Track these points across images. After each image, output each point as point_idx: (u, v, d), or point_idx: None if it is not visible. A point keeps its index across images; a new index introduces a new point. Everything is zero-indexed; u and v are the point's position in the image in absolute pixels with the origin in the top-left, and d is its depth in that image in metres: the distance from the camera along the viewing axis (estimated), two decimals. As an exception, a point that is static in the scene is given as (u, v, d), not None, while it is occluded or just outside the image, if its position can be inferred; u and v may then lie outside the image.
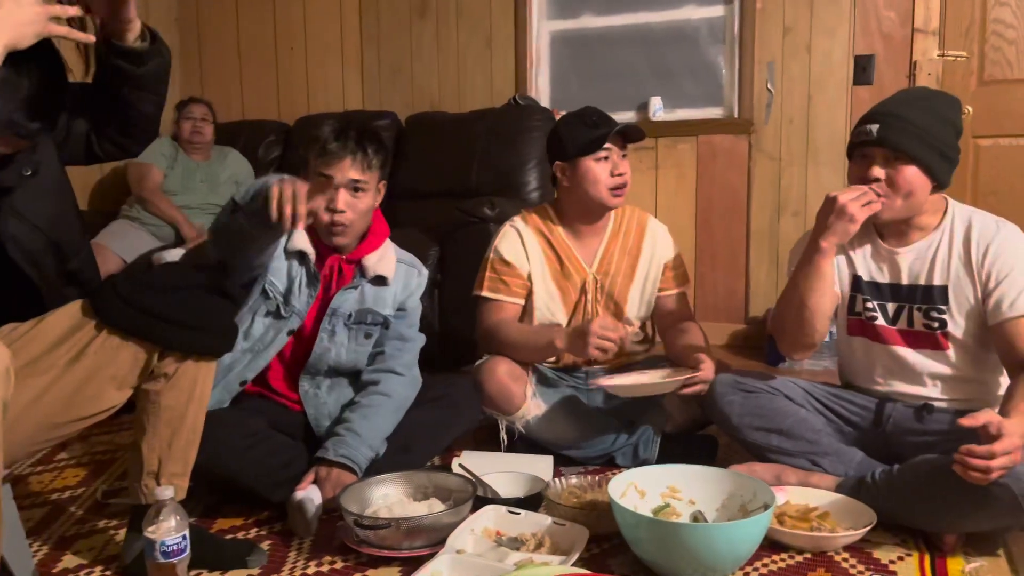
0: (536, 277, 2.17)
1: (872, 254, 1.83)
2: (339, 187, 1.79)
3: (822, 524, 1.61)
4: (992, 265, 1.69)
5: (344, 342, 1.92)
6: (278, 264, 1.84)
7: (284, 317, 1.86)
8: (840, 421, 1.89)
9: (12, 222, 1.39)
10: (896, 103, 1.74)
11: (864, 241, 1.84)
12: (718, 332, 3.48)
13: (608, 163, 2.11)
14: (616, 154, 2.12)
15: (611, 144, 2.11)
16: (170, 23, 4.16)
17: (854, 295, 1.85)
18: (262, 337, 1.86)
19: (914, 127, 1.67)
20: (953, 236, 1.75)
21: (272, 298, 1.84)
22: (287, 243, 1.84)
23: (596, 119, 2.13)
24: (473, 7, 3.77)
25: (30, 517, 1.80)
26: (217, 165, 3.57)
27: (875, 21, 3.23)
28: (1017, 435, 1.41)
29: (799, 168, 3.40)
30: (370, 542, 1.59)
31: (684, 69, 3.55)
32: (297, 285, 1.86)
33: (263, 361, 1.87)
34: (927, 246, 1.77)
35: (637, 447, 2.08)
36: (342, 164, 1.80)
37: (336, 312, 1.89)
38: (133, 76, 1.42)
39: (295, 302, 1.86)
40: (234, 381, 1.85)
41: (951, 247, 1.74)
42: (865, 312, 1.84)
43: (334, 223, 1.81)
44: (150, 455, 1.48)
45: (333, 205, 1.79)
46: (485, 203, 2.92)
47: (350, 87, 4.01)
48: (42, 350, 1.35)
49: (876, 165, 1.70)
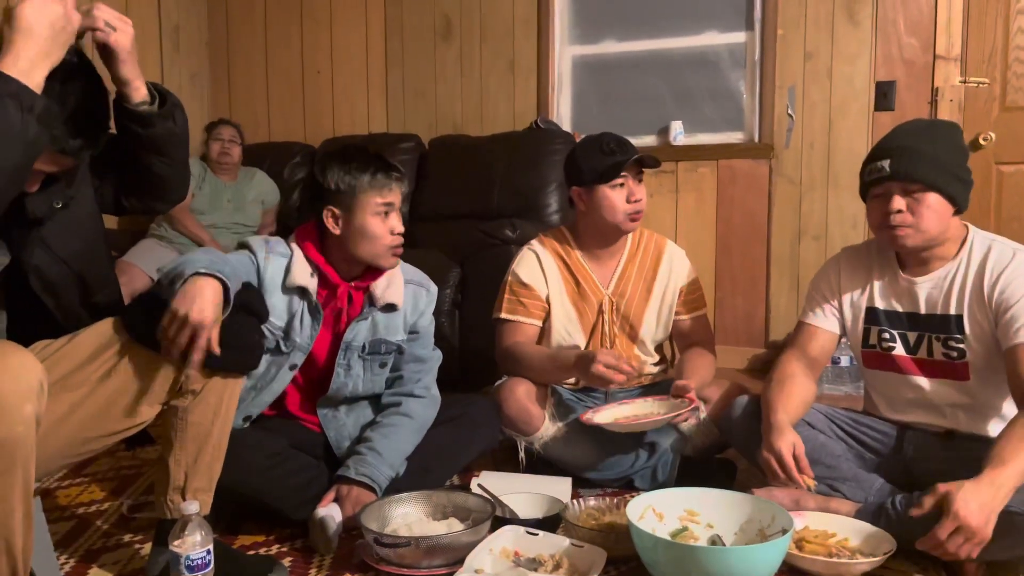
0: (554, 299, 2.20)
1: (891, 284, 1.83)
2: (396, 211, 1.85)
3: (841, 550, 1.60)
4: (1003, 292, 1.68)
5: (360, 374, 1.93)
6: (274, 300, 1.81)
7: (285, 352, 1.85)
8: (861, 447, 1.88)
9: (38, 252, 1.40)
10: (901, 137, 1.74)
11: (885, 271, 1.84)
12: (738, 356, 3.48)
13: (624, 190, 2.13)
14: (632, 180, 2.14)
15: (627, 171, 2.12)
16: (201, 46, 4.26)
17: (868, 328, 1.86)
18: (264, 374, 1.85)
19: (926, 156, 1.68)
20: (970, 265, 1.74)
21: (269, 336, 1.81)
22: (286, 280, 1.82)
23: (613, 146, 2.14)
24: (496, 32, 3.83)
25: (57, 530, 1.83)
26: (244, 185, 3.64)
27: (896, 47, 3.25)
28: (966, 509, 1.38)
29: (820, 193, 3.40)
30: (389, 560, 1.60)
31: (705, 94, 3.58)
32: (298, 319, 1.84)
33: (269, 397, 1.87)
34: (944, 275, 1.76)
35: (655, 470, 2.08)
36: (396, 189, 1.85)
37: (350, 346, 1.90)
38: (140, 138, 1.42)
39: (296, 336, 1.84)
40: (238, 418, 1.79)
41: (966, 276, 1.74)
42: (882, 343, 1.84)
43: (397, 245, 1.85)
44: (177, 470, 1.51)
45: (396, 231, 1.84)
46: (507, 225, 2.95)
47: (375, 110, 4.08)
48: (74, 366, 1.38)
49: (894, 199, 1.70)
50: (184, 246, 3.36)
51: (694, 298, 2.27)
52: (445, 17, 3.91)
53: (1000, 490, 1.42)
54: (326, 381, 1.92)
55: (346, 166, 1.82)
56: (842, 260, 1.93)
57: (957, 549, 1.41)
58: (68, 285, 1.46)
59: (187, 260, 1.45)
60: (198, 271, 1.40)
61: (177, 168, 1.51)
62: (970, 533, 1.40)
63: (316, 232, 1.88)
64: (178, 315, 1.36)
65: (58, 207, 1.39)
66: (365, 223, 1.81)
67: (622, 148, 2.14)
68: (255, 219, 3.64)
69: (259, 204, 3.66)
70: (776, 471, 1.66)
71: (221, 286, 1.42)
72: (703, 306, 2.30)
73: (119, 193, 1.54)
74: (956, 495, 1.41)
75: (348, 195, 1.82)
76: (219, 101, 4.32)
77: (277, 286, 1.82)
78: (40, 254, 1.40)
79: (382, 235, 1.82)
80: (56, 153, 1.26)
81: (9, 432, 1.14)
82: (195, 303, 1.36)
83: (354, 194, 1.81)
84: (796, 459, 1.66)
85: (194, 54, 4.22)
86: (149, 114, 1.40)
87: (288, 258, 1.85)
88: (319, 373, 1.92)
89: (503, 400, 2.07)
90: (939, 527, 1.41)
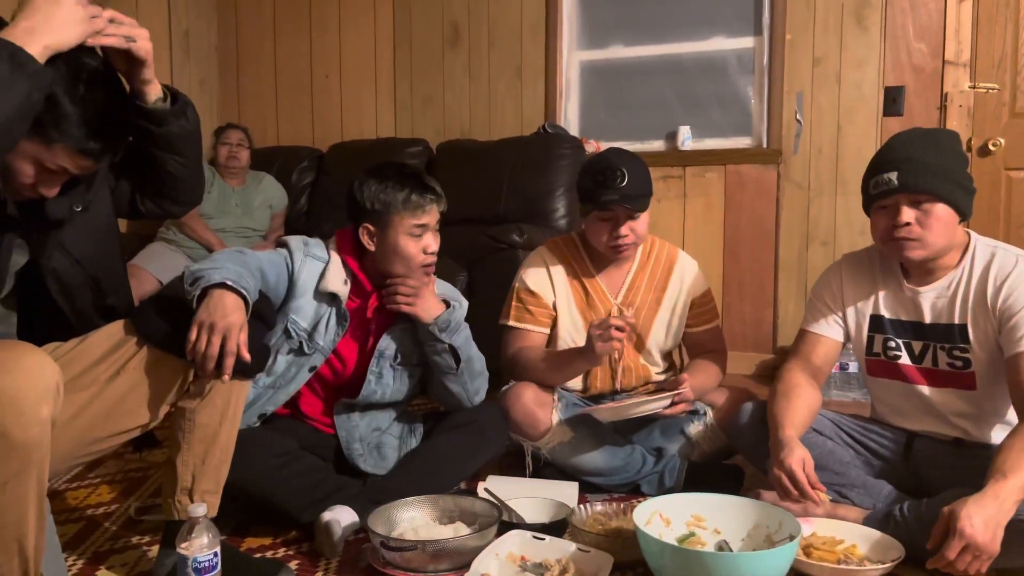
0: (561, 306, 2.19)
1: (895, 293, 1.82)
2: (429, 231, 1.86)
3: (849, 557, 1.60)
4: (1007, 300, 1.67)
5: (390, 383, 1.96)
6: (303, 303, 1.84)
7: (307, 354, 1.87)
8: (869, 454, 1.88)
9: (56, 255, 1.42)
10: (904, 148, 1.72)
11: (888, 280, 1.83)
12: (745, 362, 3.47)
13: (609, 224, 2.07)
14: (623, 215, 2.05)
15: (615, 207, 2.03)
16: (210, 51, 4.29)
17: (872, 335, 1.85)
18: (284, 373, 1.87)
19: (932, 166, 1.67)
20: (973, 273, 1.73)
21: (294, 336, 1.85)
22: (319, 284, 1.85)
23: (603, 177, 2.02)
24: (504, 37, 3.84)
25: (65, 532, 1.83)
26: (252, 190, 3.66)
27: (905, 53, 3.24)
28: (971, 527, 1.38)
29: (828, 198, 3.40)
30: (396, 564, 1.60)
31: (713, 99, 3.58)
32: (324, 323, 1.86)
33: (284, 396, 1.89)
34: (947, 284, 1.75)
35: (663, 475, 2.08)
36: (432, 210, 1.86)
37: (383, 355, 1.92)
38: (154, 136, 1.43)
39: (319, 339, 1.86)
40: (253, 415, 1.85)
41: (970, 284, 1.73)
42: (887, 351, 1.83)
43: (430, 265, 1.87)
44: (184, 472, 1.51)
45: (429, 250, 1.85)
46: (514, 230, 2.95)
47: (383, 114, 4.09)
48: (85, 367, 1.39)
49: (902, 211, 1.69)
50: (192, 250, 3.37)
51: (706, 310, 2.26)
52: (453, 23, 3.92)
53: (1004, 503, 1.41)
54: (351, 387, 1.93)
55: (382, 185, 1.83)
56: (844, 267, 1.91)
57: (967, 567, 1.40)
58: (83, 288, 1.47)
59: (215, 265, 1.51)
60: (222, 282, 1.45)
61: (191, 169, 1.53)
62: (977, 550, 1.39)
63: (354, 240, 1.90)
64: (204, 325, 1.40)
65: (78, 211, 1.41)
66: (398, 243, 1.83)
67: (611, 179, 2.01)
68: (263, 223, 3.66)
69: (267, 208, 3.68)
70: (789, 489, 1.63)
71: (241, 298, 1.47)
72: (715, 318, 2.29)
73: (135, 196, 1.55)
74: (960, 513, 1.40)
75: (382, 214, 1.83)
76: (228, 106, 4.34)
77: (309, 289, 1.85)
78: (58, 257, 1.42)
79: (414, 255, 1.84)
80: (77, 154, 1.27)
81: (25, 433, 1.14)
82: (217, 310, 1.41)
83: (388, 213, 1.83)
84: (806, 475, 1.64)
85: (203, 59, 4.24)
86: (163, 111, 1.41)
87: (324, 263, 1.87)
88: (347, 379, 1.94)
89: (510, 405, 2.07)
90: (946, 547, 1.40)
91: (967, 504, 1.41)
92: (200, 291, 1.46)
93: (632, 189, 2.03)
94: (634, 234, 2.08)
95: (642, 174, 2.08)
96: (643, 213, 2.09)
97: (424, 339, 1.91)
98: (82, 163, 1.29)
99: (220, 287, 1.46)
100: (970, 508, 1.40)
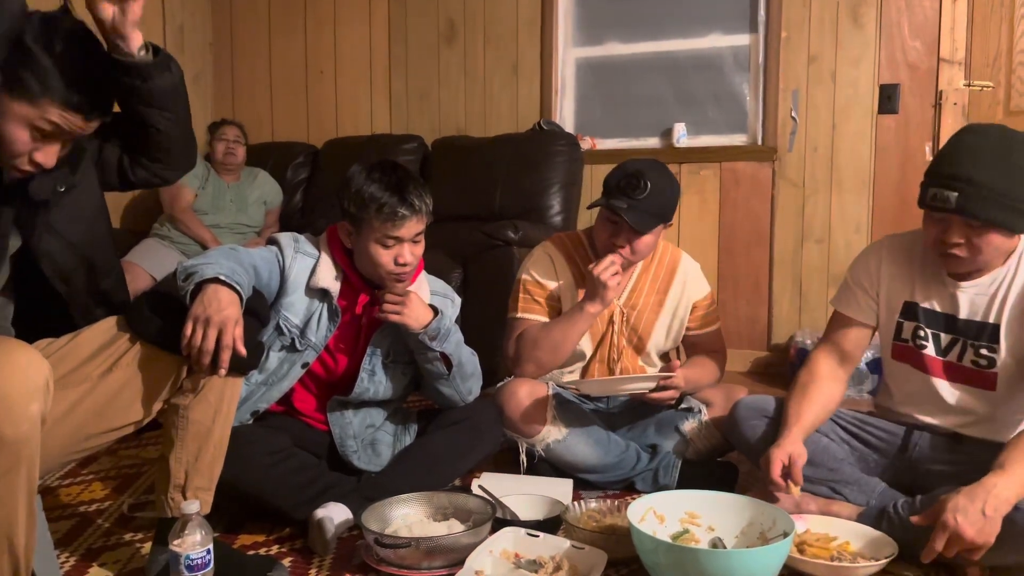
0: (565, 303, 2.19)
1: (934, 283, 1.77)
2: (404, 243, 1.81)
3: (843, 554, 1.60)
4: None
5: (383, 380, 1.94)
6: (295, 299, 1.83)
7: (299, 350, 1.86)
8: (865, 448, 1.88)
9: (47, 238, 1.41)
10: (972, 161, 1.58)
11: (927, 268, 1.78)
12: (740, 359, 3.47)
13: (611, 226, 2.05)
14: (625, 231, 2.02)
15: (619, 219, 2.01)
16: (204, 47, 4.27)
17: (902, 322, 1.81)
18: (277, 370, 1.86)
19: (995, 193, 1.56)
20: (1017, 275, 1.69)
21: (286, 333, 1.84)
22: (310, 280, 1.84)
23: (626, 180, 2.00)
24: (500, 34, 3.84)
25: (58, 529, 1.83)
26: (246, 186, 3.65)
27: (900, 51, 3.24)
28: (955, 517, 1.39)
29: (823, 196, 3.40)
30: (389, 561, 1.60)
31: (708, 96, 3.58)
32: (316, 319, 1.85)
33: (277, 393, 1.88)
34: (990, 282, 1.71)
35: (657, 472, 2.08)
36: (409, 224, 1.79)
37: (376, 353, 1.92)
38: (140, 91, 1.41)
39: (311, 336, 1.85)
40: (246, 412, 1.84)
41: (1012, 285, 1.69)
42: (915, 339, 1.79)
43: (400, 275, 1.83)
44: (177, 468, 1.51)
45: (400, 261, 1.80)
46: (508, 226, 2.94)
47: (378, 111, 4.08)
48: (77, 363, 1.39)
49: (955, 231, 1.62)
50: (186, 246, 3.36)
51: (707, 313, 2.26)
52: (449, 19, 3.91)
53: (997, 496, 1.41)
54: (344, 383, 1.93)
55: (363, 188, 1.78)
56: (884, 249, 1.85)
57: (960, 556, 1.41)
58: (78, 270, 1.47)
59: (208, 260, 1.50)
60: (216, 277, 1.45)
61: (180, 126, 1.51)
62: (962, 541, 1.40)
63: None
64: (200, 319, 1.39)
65: (61, 191, 1.40)
66: (368, 248, 1.81)
67: (629, 189, 1.99)
68: (258, 220, 3.65)
69: (262, 205, 3.67)
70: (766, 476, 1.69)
71: (235, 293, 1.46)
72: (716, 320, 2.29)
73: (123, 163, 1.54)
74: (947, 505, 1.41)
75: (357, 216, 1.80)
76: (223, 101, 4.33)
77: (300, 286, 1.84)
78: (49, 239, 1.42)
79: (384, 264, 1.80)
80: (65, 108, 1.26)
81: (15, 430, 1.14)
82: (212, 304, 1.41)
83: (362, 217, 1.79)
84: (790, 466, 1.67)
85: (198, 54, 4.22)
86: (147, 64, 1.40)
87: (315, 259, 1.86)
88: (339, 376, 1.93)
89: (505, 402, 2.07)
90: (933, 537, 1.41)
91: (958, 496, 1.42)
92: (194, 286, 1.45)
93: (646, 206, 2.00)
94: (631, 250, 2.04)
95: (664, 199, 2.03)
96: (646, 235, 2.04)
97: (414, 348, 1.89)
98: (71, 119, 1.28)
99: (214, 282, 1.46)
100: (958, 500, 1.41)
